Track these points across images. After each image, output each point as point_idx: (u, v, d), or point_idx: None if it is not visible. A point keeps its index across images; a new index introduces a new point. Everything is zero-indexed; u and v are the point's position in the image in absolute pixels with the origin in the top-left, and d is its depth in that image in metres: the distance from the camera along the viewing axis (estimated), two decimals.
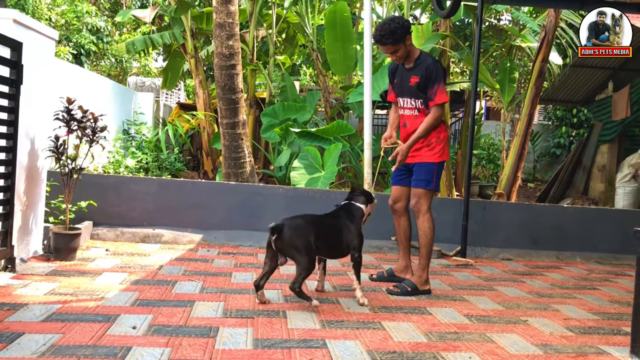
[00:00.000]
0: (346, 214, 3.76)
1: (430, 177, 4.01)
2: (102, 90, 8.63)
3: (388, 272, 4.31)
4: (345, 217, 3.74)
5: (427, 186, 4.01)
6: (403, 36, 3.87)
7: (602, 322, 3.57)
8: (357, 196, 3.89)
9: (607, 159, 10.88)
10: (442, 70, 3.96)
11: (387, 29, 3.86)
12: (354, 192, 3.95)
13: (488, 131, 14.67)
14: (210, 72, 12.90)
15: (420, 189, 4.02)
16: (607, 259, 5.87)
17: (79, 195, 4.87)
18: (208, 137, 9.76)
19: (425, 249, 4.04)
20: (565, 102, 12.33)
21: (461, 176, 9.55)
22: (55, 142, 4.29)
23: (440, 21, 8.60)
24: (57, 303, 3.19)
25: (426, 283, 4.01)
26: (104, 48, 13.58)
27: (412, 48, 4.01)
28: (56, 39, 4.50)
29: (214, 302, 3.41)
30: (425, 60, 3.97)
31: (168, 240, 5.32)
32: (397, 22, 3.88)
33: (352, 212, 3.78)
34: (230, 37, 6.56)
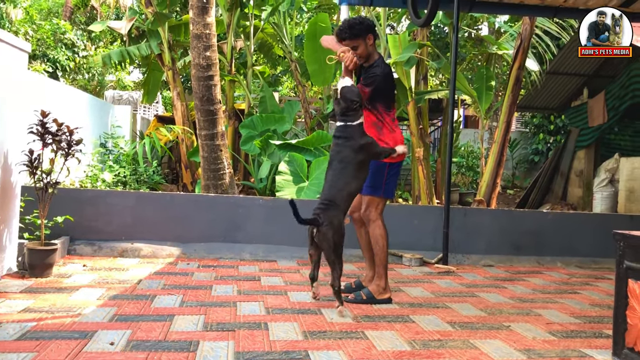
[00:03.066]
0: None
1: (380, 181, 3.92)
2: (78, 104, 8.52)
3: (356, 283, 4.19)
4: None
5: (375, 193, 3.93)
6: (362, 32, 3.87)
7: (583, 325, 3.58)
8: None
9: (584, 165, 11.02)
10: (383, 81, 3.87)
11: (345, 24, 3.92)
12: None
13: (467, 139, 14.80)
14: (188, 84, 12.83)
15: (369, 196, 3.94)
16: (587, 263, 5.92)
17: (55, 210, 4.77)
18: (187, 149, 9.68)
19: (379, 257, 3.91)
20: (542, 109, 12.48)
21: (441, 184, 9.60)
22: (29, 156, 4.20)
23: (417, 30, 8.67)
24: (31, 321, 3.11)
25: (384, 291, 3.91)
26: (80, 62, 13.45)
27: (373, 50, 3.99)
28: (29, 52, 4.43)
29: (194, 316, 3.35)
30: (379, 66, 3.91)
31: (147, 254, 5.24)
32: (357, 19, 3.94)
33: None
34: (208, 48, 6.53)
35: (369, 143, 3.70)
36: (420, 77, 8.87)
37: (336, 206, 3.57)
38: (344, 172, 3.64)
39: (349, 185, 3.63)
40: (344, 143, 3.68)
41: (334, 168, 3.68)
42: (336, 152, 3.70)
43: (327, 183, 3.69)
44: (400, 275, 4.96)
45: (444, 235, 5.55)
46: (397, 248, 5.65)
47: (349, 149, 3.65)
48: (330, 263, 3.53)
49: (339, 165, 3.66)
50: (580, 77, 11.01)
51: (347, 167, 3.64)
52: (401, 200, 9.99)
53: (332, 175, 3.67)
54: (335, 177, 3.65)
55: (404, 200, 10.07)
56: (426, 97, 8.69)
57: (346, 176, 3.63)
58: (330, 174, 3.69)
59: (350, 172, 3.64)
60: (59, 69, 12.57)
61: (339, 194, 3.60)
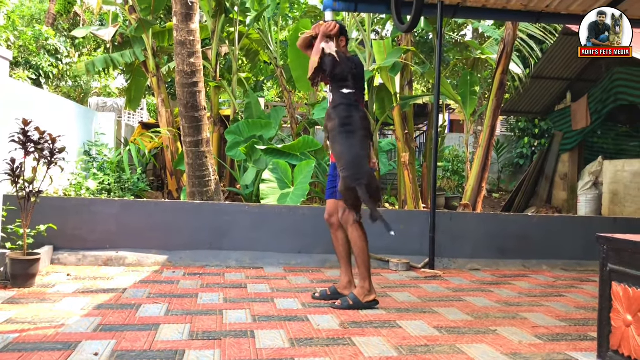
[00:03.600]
0: None
1: None
2: (62, 112, 8.44)
3: (331, 290, 4.13)
4: None
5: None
6: (336, 32, 3.98)
7: (569, 328, 3.60)
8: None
9: (568, 168, 11.12)
10: (357, 68, 3.95)
11: (314, 26, 4.08)
12: None
13: (452, 143, 14.88)
14: (173, 90, 12.78)
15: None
16: (572, 266, 5.96)
17: (38, 219, 4.71)
18: (172, 157, 9.62)
19: (361, 258, 3.89)
20: (526, 113, 12.58)
21: (427, 188, 9.63)
22: (11, 165, 4.15)
23: (402, 36, 8.70)
24: (14, 332, 3.06)
25: (369, 293, 3.89)
26: (63, 69, 13.34)
27: (346, 51, 4.07)
28: (10, 59, 4.39)
29: (180, 325, 3.32)
30: (355, 58, 4.05)
31: (132, 262, 5.19)
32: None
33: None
34: (192, 55, 6.51)
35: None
36: (405, 82, 8.90)
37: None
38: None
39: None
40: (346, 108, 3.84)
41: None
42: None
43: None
44: (387, 280, 4.96)
45: (431, 239, 5.57)
46: (384, 253, 5.65)
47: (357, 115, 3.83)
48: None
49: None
50: (564, 81, 11.13)
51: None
52: (387, 205, 10.00)
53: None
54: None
55: (391, 205, 10.08)
56: (411, 102, 8.72)
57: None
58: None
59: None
60: (42, 76, 12.45)
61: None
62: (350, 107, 3.83)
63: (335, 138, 3.83)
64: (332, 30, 3.95)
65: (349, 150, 3.76)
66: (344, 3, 6.50)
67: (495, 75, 7.99)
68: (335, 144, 3.85)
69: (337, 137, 3.82)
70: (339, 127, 3.81)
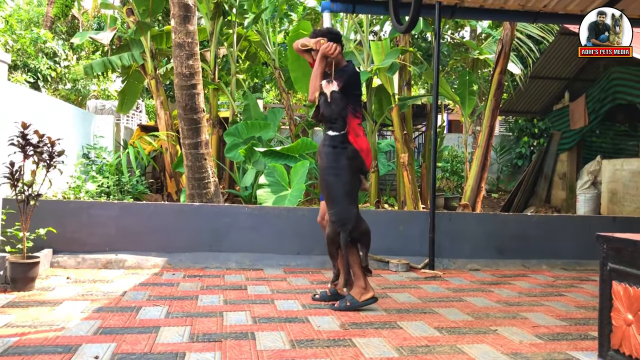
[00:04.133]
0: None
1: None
2: (60, 115, 8.44)
3: (331, 291, 4.11)
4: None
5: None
6: (335, 39, 3.95)
7: (569, 327, 3.60)
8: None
9: (567, 167, 11.13)
10: (352, 77, 3.97)
11: (322, 29, 4.11)
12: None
13: (451, 144, 14.88)
14: (171, 93, 12.77)
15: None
16: (572, 265, 5.96)
17: (37, 222, 4.71)
18: (171, 159, 9.62)
19: (351, 259, 3.87)
20: (525, 113, 12.60)
21: (426, 188, 9.63)
22: (10, 168, 4.15)
23: (400, 36, 8.71)
24: (14, 336, 3.05)
25: (366, 291, 3.86)
26: (62, 72, 13.33)
27: (342, 58, 4.05)
28: (9, 63, 4.38)
29: (180, 327, 3.32)
30: (348, 67, 4.03)
31: (132, 265, 5.18)
32: (327, 28, 4.18)
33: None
34: (190, 57, 6.51)
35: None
36: (403, 83, 8.92)
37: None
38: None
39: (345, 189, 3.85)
40: (332, 151, 3.85)
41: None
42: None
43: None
44: (387, 281, 4.96)
45: (430, 240, 5.57)
46: (384, 254, 5.65)
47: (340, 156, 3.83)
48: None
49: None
50: (562, 81, 11.15)
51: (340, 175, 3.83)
52: (387, 205, 10.01)
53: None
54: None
55: (390, 206, 10.09)
56: (410, 103, 8.73)
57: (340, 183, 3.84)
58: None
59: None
60: (40, 79, 12.44)
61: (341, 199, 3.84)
62: (335, 150, 3.84)
63: (323, 178, 3.90)
64: (332, 54, 3.90)
65: (335, 194, 3.83)
66: (341, 4, 6.51)
67: (493, 75, 8.00)
68: (323, 183, 3.91)
69: (325, 178, 3.89)
70: (327, 170, 3.87)
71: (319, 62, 3.90)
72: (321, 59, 3.90)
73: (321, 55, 3.90)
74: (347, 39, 10.52)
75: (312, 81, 3.92)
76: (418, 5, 5.22)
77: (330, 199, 3.86)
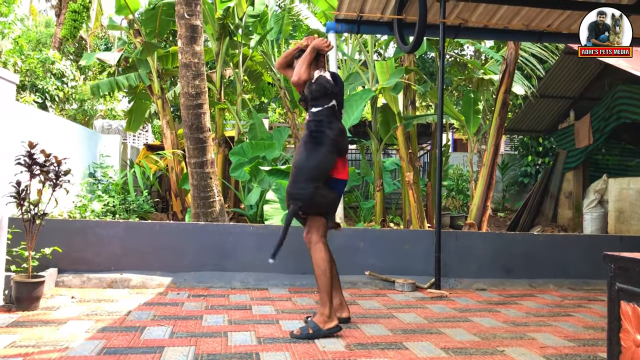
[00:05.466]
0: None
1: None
2: (67, 134, 8.50)
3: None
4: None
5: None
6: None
7: (578, 348, 3.55)
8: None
9: (573, 186, 11.10)
10: (332, 75, 3.96)
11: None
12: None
13: (456, 162, 14.87)
14: (178, 113, 12.86)
15: (311, 217, 3.81)
16: (579, 285, 5.91)
17: (43, 241, 4.72)
18: (176, 178, 9.65)
19: (321, 281, 3.68)
20: (530, 132, 12.61)
21: (432, 207, 9.60)
22: (16, 187, 4.17)
23: (404, 56, 8.76)
24: (17, 356, 3.04)
25: (330, 320, 3.67)
26: (69, 92, 13.45)
27: (324, 66, 4.04)
28: (17, 83, 4.42)
29: (185, 347, 3.30)
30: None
31: (137, 284, 5.17)
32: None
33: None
34: (197, 77, 6.56)
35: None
36: (408, 102, 8.95)
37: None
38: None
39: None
40: (317, 124, 3.80)
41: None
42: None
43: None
44: (393, 301, 4.92)
45: (436, 259, 5.53)
46: (389, 273, 5.63)
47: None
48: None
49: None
50: (567, 100, 11.16)
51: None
52: (392, 224, 9.98)
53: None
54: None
55: (395, 225, 10.06)
56: (415, 122, 8.75)
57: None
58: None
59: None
60: (48, 99, 12.55)
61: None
62: (320, 123, 3.80)
63: (300, 148, 3.84)
64: (326, 47, 3.92)
65: (305, 161, 3.74)
66: (346, 25, 6.57)
67: (498, 94, 8.02)
68: (297, 154, 3.85)
69: (301, 147, 3.82)
70: (305, 138, 3.81)
71: (309, 52, 3.89)
72: (311, 50, 3.90)
73: (312, 47, 3.90)
74: (351, 59, 10.60)
75: (298, 65, 3.91)
76: (423, 25, 5.27)
77: (296, 168, 3.75)
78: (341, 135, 3.82)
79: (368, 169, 10.84)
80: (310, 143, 3.76)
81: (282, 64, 4.17)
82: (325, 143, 3.74)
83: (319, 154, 3.72)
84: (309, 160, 3.73)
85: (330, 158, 3.75)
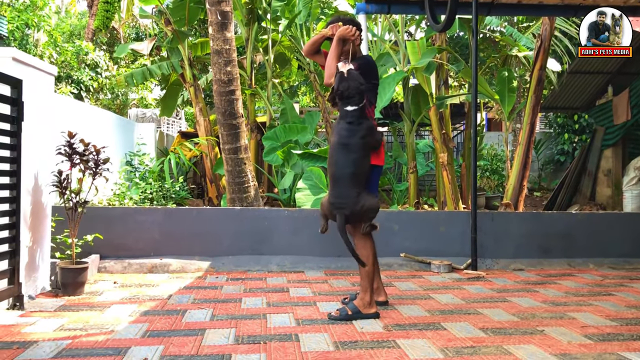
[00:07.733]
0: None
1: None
2: (103, 124, 8.67)
3: (351, 297, 3.99)
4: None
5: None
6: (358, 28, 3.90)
7: (620, 328, 3.50)
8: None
9: (612, 163, 10.83)
10: (366, 65, 3.84)
11: (344, 18, 3.99)
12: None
13: (490, 142, 14.65)
14: (210, 99, 12.96)
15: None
16: (620, 264, 5.80)
17: (85, 228, 4.85)
18: (211, 164, 9.77)
19: (364, 268, 3.69)
20: (566, 109, 12.33)
21: (467, 188, 9.51)
22: (58, 176, 4.29)
23: (436, 35, 8.64)
24: (66, 339, 3.15)
25: (370, 306, 3.68)
26: (103, 82, 13.69)
27: (359, 50, 4.00)
28: (55, 75, 4.53)
29: (225, 329, 3.37)
30: (365, 57, 3.97)
31: (176, 269, 5.28)
32: (337, 16, 4.13)
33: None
34: (228, 64, 6.60)
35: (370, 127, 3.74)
36: (440, 82, 8.83)
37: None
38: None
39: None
40: (347, 127, 3.67)
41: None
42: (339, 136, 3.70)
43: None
44: (430, 282, 4.92)
45: (472, 240, 5.50)
46: (425, 255, 5.62)
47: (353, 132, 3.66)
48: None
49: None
50: (604, 75, 10.86)
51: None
52: (427, 206, 9.92)
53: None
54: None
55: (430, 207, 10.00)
56: (448, 102, 8.64)
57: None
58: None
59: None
60: (83, 90, 12.79)
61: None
62: (351, 127, 3.65)
63: (332, 154, 3.72)
64: (351, 35, 3.82)
65: (341, 169, 3.65)
66: (376, 5, 6.51)
67: (533, 72, 7.85)
68: (331, 160, 3.73)
69: (334, 157, 3.70)
70: (336, 145, 3.69)
71: (335, 46, 3.80)
72: (337, 42, 3.80)
73: (338, 38, 3.81)
74: (382, 39, 10.50)
75: (327, 64, 3.83)
76: (454, 3, 5.18)
77: (334, 177, 3.69)
78: (371, 134, 3.71)
79: (400, 151, 10.76)
80: (343, 151, 3.65)
81: (310, 51, 4.13)
82: (357, 150, 3.64)
83: (353, 161, 3.63)
84: (345, 168, 3.63)
85: (365, 162, 3.69)
